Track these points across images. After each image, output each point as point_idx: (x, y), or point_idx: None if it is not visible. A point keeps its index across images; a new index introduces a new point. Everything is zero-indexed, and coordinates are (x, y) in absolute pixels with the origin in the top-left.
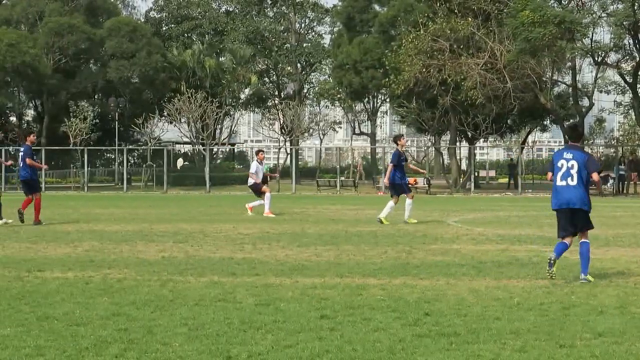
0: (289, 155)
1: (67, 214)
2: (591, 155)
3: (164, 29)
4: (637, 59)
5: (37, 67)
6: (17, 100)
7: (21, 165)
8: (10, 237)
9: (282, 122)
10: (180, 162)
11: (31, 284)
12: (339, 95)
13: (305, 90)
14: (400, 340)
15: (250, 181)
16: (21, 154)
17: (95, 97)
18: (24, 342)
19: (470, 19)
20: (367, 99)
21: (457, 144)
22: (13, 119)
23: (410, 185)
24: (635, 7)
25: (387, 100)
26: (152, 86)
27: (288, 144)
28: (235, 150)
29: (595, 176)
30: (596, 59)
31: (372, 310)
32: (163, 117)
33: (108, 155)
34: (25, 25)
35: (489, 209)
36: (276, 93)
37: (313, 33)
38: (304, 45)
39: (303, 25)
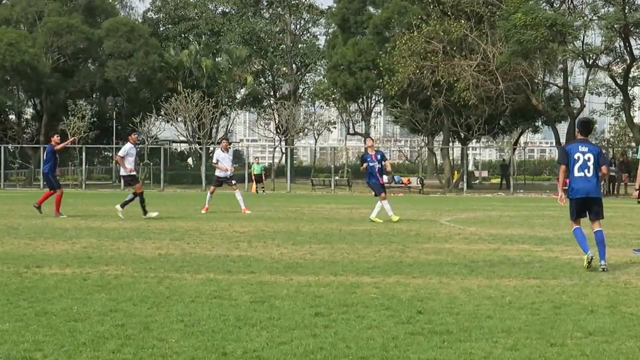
0: (284, 155)
1: (65, 211)
2: (601, 149)
3: (161, 29)
4: (628, 61)
5: (36, 66)
6: (16, 98)
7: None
8: (9, 234)
9: (277, 121)
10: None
11: (30, 280)
12: (333, 96)
13: (300, 91)
14: (393, 337)
15: (219, 173)
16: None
17: (94, 96)
18: (22, 337)
19: (463, 22)
20: (361, 99)
21: (450, 144)
22: (12, 117)
23: (403, 185)
24: (626, 11)
25: (381, 100)
26: (150, 85)
27: (283, 143)
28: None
29: (604, 169)
30: (587, 61)
31: (366, 308)
32: (160, 116)
33: (106, 153)
34: (24, 25)
35: (481, 208)
36: (271, 93)
37: (308, 34)
38: (299, 46)
39: (298, 26)
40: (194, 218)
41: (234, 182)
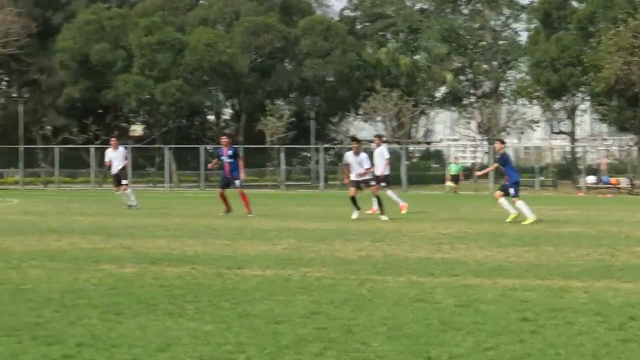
0: (486, 154)
1: (263, 212)
2: None
3: (358, 27)
4: None
5: (234, 66)
6: (214, 99)
7: None
8: (209, 235)
9: (478, 120)
10: None
11: (231, 281)
12: (536, 93)
13: (501, 88)
14: (604, 344)
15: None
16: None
17: (291, 95)
18: (225, 338)
19: None
20: (565, 97)
21: None
22: (211, 117)
23: (612, 186)
24: None
25: (587, 98)
26: (347, 84)
27: (485, 142)
28: (432, 149)
29: None
30: None
31: (575, 313)
32: (358, 116)
33: (304, 153)
34: (221, 25)
35: None
36: (472, 91)
37: (509, 30)
38: (500, 42)
39: (499, 22)
40: (394, 219)
41: (372, 183)
